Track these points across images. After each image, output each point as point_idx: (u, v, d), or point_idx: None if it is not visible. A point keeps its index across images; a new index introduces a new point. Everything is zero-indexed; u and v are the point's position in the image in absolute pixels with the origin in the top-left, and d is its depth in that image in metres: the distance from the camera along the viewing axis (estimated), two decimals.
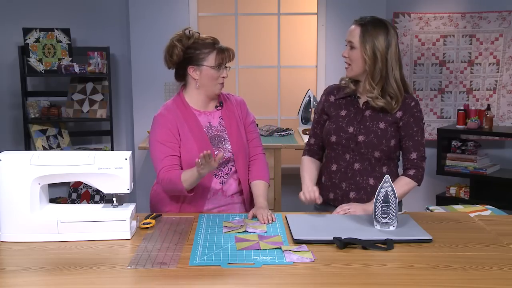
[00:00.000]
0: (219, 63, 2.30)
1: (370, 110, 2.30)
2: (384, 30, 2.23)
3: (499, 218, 2.34)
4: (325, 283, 1.59)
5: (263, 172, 2.42)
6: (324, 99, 2.43)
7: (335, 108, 2.37)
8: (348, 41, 2.27)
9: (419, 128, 2.30)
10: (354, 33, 2.25)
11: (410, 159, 2.29)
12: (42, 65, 4.59)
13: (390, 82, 2.24)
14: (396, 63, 2.25)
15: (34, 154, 1.96)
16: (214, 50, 2.29)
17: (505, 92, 4.81)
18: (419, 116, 2.30)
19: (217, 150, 2.33)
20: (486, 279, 1.62)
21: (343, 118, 2.33)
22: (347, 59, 2.29)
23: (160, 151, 2.27)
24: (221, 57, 2.30)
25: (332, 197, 2.37)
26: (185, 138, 2.30)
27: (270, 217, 2.15)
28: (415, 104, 2.30)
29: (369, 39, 2.21)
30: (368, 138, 2.27)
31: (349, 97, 2.36)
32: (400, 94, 2.26)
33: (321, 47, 4.75)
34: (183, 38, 2.30)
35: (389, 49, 2.23)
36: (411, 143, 2.29)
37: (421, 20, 4.85)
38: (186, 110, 2.34)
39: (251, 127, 2.47)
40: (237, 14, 4.83)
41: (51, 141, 4.69)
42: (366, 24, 2.23)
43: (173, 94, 4.60)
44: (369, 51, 2.21)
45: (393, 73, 2.24)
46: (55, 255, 1.81)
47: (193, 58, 2.29)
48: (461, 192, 4.70)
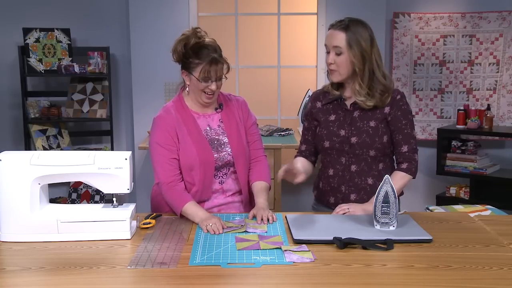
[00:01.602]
0: (205, 76, 2.21)
1: (359, 111, 2.30)
2: (364, 29, 2.23)
3: (499, 218, 2.34)
4: (325, 283, 1.59)
5: (264, 173, 2.41)
6: (311, 106, 2.42)
7: (323, 114, 2.36)
8: (333, 47, 2.23)
9: (408, 121, 2.29)
10: (338, 38, 2.21)
11: (401, 153, 2.29)
12: (42, 65, 4.59)
13: (378, 78, 2.24)
14: (379, 57, 2.26)
15: (34, 154, 1.96)
16: (203, 63, 2.20)
17: (505, 92, 4.81)
18: (407, 108, 2.30)
19: (216, 153, 2.31)
20: (486, 279, 1.62)
21: (333, 123, 2.33)
22: (332, 65, 2.25)
23: (160, 153, 2.27)
24: (208, 70, 2.20)
25: (333, 201, 2.36)
26: (183, 141, 2.28)
27: (270, 217, 2.15)
28: (400, 97, 2.29)
29: (356, 42, 2.19)
30: (361, 139, 2.27)
31: (336, 101, 2.35)
32: (390, 86, 2.26)
33: (321, 47, 4.75)
34: (189, 38, 2.23)
35: (373, 47, 2.23)
36: (401, 136, 2.29)
37: (421, 20, 4.85)
38: (185, 113, 2.32)
39: (252, 129, 2.45)
40: (237, 14, 4.83)
41: (51, 141, 4.69)
42: (348, 27, 2.21)
43: (173, 94, 4.62)
44: (358, 54, 2.20)
45: (379, 69, 2.24)
46: (55, 255, 1.81)
47: (186, 63, 2.26)
48: (461, 192, 4.70)
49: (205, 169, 2.28)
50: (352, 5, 4.63)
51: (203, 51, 2.21)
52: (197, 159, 2.26)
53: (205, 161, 2.28)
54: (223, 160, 2.32)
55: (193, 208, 2.18)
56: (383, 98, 2.25)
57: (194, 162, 2.26)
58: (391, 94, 2.27)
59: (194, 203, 2.20)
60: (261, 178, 2.38)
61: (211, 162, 2.29)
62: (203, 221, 2.08)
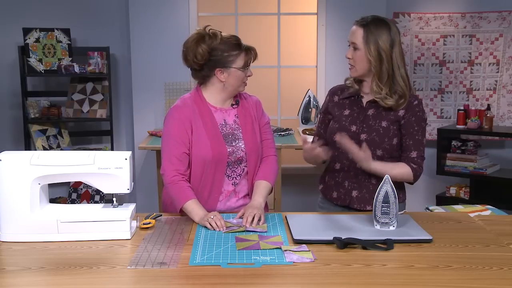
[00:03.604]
0: (245, 64, 2.28)
1: (373, 109, 2.30)
2: (386, 29, 2.23)
3: (499, 218, 2.34)
4: (325, 283, 1.59)
5: (269, 173, 2.37)
6: (328, 100, 2.44)
7: (338, 108, 2.38)
8: (351, 42, 2.27)
9: (420, 128, 2.30)
10: (356, 34, 2.24)
11: (410, 157, 2.29)
12: (42, 65, 4.59)
13: (398, 81, 2.24)
14: (401, 61, 2.25)
15: (34, 154, 1.96)
16: (242, 52, 2.26)
17: (505, 92, 4.81)
18: (421, 116, 2.30)
19: (230, 148, 2.30)
20: (486, 279, 1.62)
21: (346, 118, 2.34)
22: (350, 60, 2.28)
23: (171, 146, 2.25)
24: (248, 57, 2.28)
25: (336, 196, 2.38)
26: (197, 133, 2.26)
27: (256, 218, 2.08)
28: (417, 103, 2.30)
29: (373, 40, 2.21)
30: (370, 136, 2.27)
31: (353, 97, 2.36)
32: (408, 90, 2.26)
33: (321, 47, 4.76)
34: (206, 38, 2.22)
35: (394, 48, 2.22)
36: (411, 142, 2.29)
37: (421, 20, 4.85)
38: (203, 105, 2.31)
39: (265, 128, 2.43)
40: (237, 14, 4.83)
41: (51, 141, 4.69)
42: (368, 25, 2.23)
43: (173, 94, 4.63)
44: (373, 52, 2.21)
45: (399, 71, 2.23)
46: (55, 255, 1.81)
47: (221, 60, 2.24)
48: (461, 192, 4.70)
49: (217, 163, 2.26)
50: (352, 5, 4.63)
51: (235, 43, 2.26)
52: (210, 152, 2.24)
53: (218, 155, 2.25)
54: (235, 155, 2.30)
55: (194, 206, 2.17)
56: (399, 102, 2.25)
57: (207, 155, 2.24)
58: (408, 99, 2.27)
59: (196, 202, 2.19)
60: (264, 177, 2.35)
61: (224, 156, 2.27)
62: (203, 218, 2.08)
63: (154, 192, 4.41)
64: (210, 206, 2.28)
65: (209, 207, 2.26)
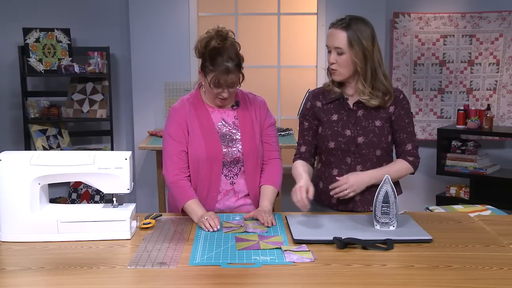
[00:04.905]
0: (217, 84, 2.19)
1: (362, 110, 2.28)
2: (365, 27, 2.19)
3: (499, 218, 2.34)
4: (325, 283, 1.59)
5: (274, 177, 2.37)
6: (311, 105, 2.36)
7: (325, 113, 2.32)
8: (334, 47, 2.20)
9: (410, 119, 2.30)
10: (339, 38, 2.17)
11: (406, 150, 2.30)
12: (42, 65, 4.59)
13: (380, 78, 2.22)
14: (381, 56, 2.24)
15: (34, 154, 1.96)
16: (215, 72, 2.16)
17: (505, 92, 4.81)
18: (408, 107, 2.31)
19: (226, 148, 2.30)
20: (486, 279, 1.62)
21: (336, 123, 2.29)
22: (334, 65, 2.22)
23: (170, 145, 2.28)
24: (220, 79, 2.18)
25: (336, 201, 2.33)
26: (193, 133, 2.28)
27: (270, 221, 2.11)
28: (403, 96, 2.30)
29: (357, 42, 2.16)
30: (367, 139, 2.26)
31: (337, 101, 2.31)
32: (390, 87, 2.25)
33: (321, 47, 4.75)
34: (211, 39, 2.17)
35: (374, 45, 2.20)
36: (405, 135, 2.29)
37: (421, 20, 4.85)
38: (200, 106, 2.32)
39: (269, 130, 2.41)
40: (237, 14, 4.83)
41: (51, 141, 4.69)
42: (349, 26, 2.17)
43: (173, 94, 4.63)
44: (359, 53, 2.17)
45: (380, 68, 2.22)
46: (55, 255, 1.81)
47: (202, 65, 2.23)
48: (461, 192, 4.70)
49: (212, 162, 2.26)
50: (352, 5, 4.63)
51: (218, 58, 2.16)
52: (204, 152, 2.25)
53: (213, 155, 2.26)
54: (231, 156, 2.30)
55: (193, 206, 2.17)
56: (385, 99, 2.24)
57: (201, 154, 2.25)
58: (393, 94, 2.26)
59: (197, 202, 2.20)
60: (269, 181, 2.35)
61: (219, 155, 2.27)
62: (200, 219, 2.09)
63: (154, 192, 4.41)
64: (209, 204, 2.29)
65: (208, 205, 2.27)
